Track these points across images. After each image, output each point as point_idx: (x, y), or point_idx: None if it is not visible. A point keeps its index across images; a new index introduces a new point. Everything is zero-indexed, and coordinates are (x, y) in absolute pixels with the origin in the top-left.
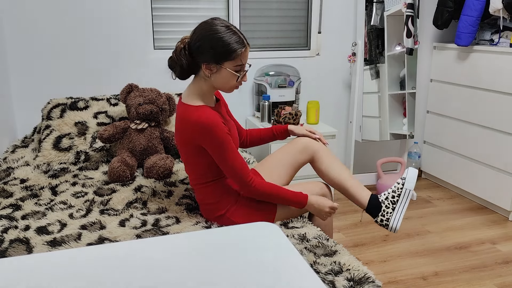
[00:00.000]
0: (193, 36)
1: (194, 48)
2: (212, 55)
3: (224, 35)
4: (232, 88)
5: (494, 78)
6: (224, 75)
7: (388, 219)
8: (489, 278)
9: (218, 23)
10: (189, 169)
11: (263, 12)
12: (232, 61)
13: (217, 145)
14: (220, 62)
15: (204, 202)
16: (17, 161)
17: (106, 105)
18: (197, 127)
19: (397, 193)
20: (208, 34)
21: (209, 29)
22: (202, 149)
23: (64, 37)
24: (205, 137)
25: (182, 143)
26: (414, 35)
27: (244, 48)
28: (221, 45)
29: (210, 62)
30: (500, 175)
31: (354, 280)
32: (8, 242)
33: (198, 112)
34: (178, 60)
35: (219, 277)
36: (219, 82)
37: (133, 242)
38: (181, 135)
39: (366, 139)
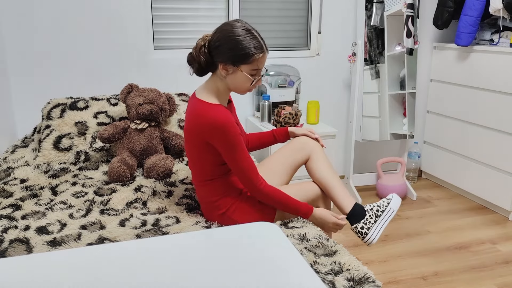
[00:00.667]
0: (214, 35)
1: (213, 47)
2: (229, 56)
3: (244, 39)
4: (246, 90)
5: (494, 78)
6: (239, 77)
7: (369, 228)
8: (489, 278)
9: (240, 25)
10: (193, 165)
11: (263, 12)
12: (248, 65)
13: (230, 145)
14: (237, 64)
15: (206, 200)
16: (17, 161)
17: (106, 105)
18: (211, 125)
19: (382, 209)
20: (228, 35)
21: (230, 30)
22: (210, 146)
23: (64, 37)
24: (218, 136)
25: (191, 137)
26: (414, 35)
27: (262, 53)
28: (240, 48)
29: (227, 63)
30: (500, 175)
31: (354, 280)
32: (8, 242)
33: (214, 111)
34: (197, 57)
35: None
36: (234, 84)
37: (133, 242)
38: (191, 129)
39: (366, 139)
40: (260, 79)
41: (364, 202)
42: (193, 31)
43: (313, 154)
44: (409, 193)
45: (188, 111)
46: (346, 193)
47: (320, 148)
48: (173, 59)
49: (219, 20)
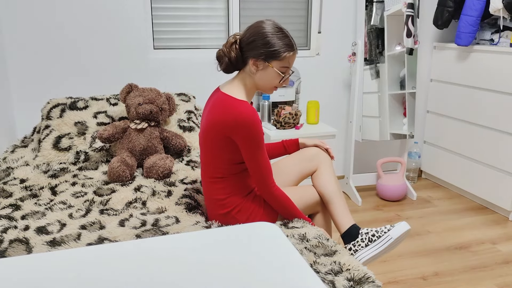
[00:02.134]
0: (246, 32)
1: (245, 43)
2: (262, 52)
3: (277, 36)
4: (272, 89)
5: (494, 78)
6: (269, 74)
7: (356, 251)
8: (489, 278)
9: (272, 24)
10: (206, 160)
11: (263, 12)
12: (279, 61)
13: (253, 142)
14: (268, 60)
15: (212, 197)
16: (17, 161)
17: (106, 105)
18: (238, 121)
19: (378, 234)
20: (262, 32)
21: (263, 27)
22: (229, 143)
23: (64, 37)
24: (242, 132)
25: (211, 131)
26: (414, 35)
27: (293, 51)
28: (272, 44)
29: (258, 59)
30: (500, 175)
31: (354, 280)
32: (7, 242)
33: (242, 107)
34: (227, 53)
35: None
36: (263, 80)
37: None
38: (214, 122)
39: (366, 139)
40: (288, 78)
41: (363, 202)
42: (193, 31)
43: (321, 166)
44: (409, 193)
45: (212, 105)
46: (346, 212)
47: (330, 162)
48: (173, 59)
49: (219, 20)
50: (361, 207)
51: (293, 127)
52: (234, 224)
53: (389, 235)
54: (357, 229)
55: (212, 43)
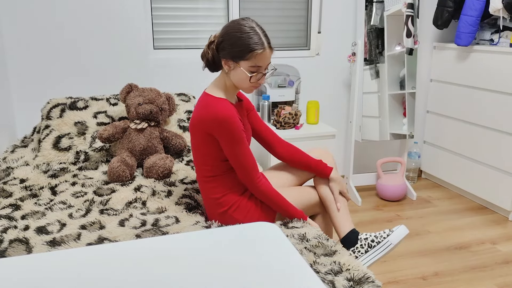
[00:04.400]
0: (220, 32)
1: (217, 43)
2: (230, 52)
3: (244, 35)
4: (248, 87)
5: (494, 78)
6: (239, 74)
7: (356, 257)
8: (489, 278)
9: (244, 23)
10: (197, 160)
11: (263, 12)
12: (247, 61)
13: (231, 139)
14: (236, 60)
15: (209, 196)
16: (17, 161)
17: (106, 105)
18: (213, 118)
19: (378, 240)
20: (230, 32)
21: (233, 27)
22: (213, 139)
23: (64, 37)
24: (220, 129)
25: (195, 130)
26: (414, 35)
27: (261, 50)
28: (239, 44)
29: (228, 59)
30: (500, 175)
31: (354, 280)
32: (7, 242)
33: (218, 104)
34: (206, 53)
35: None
36: (236, 79)
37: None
38: (195, 121)
39: (366, 139)
40: (262, 77)
41: (363, 202)
42: (193, 31)
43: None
44: (409, 193)
45: (196, 105)
46: (346, 217)
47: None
48: (173, 59)
49: (219, 20)
50: (361, 207)
51: (293, 127)
52: (232, 223)
53: (389, 241)
54: (356, 234)
55: None
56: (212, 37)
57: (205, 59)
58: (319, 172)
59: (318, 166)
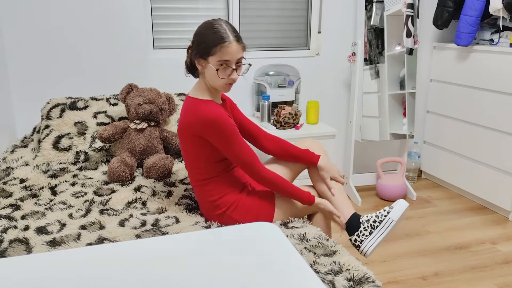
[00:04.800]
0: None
1: (191, 45)
2: (197, 51)
3: (207, 31)
4: (222, 85)
5: (494, 78)
6: (209, 71)
7: (362, 241)
8: (489, 278)
9: (212, 21)
10: (189, 165)
11: (263, 12)
12: (214, 56)
13: (225, 137)
14: (204, 57)
15: (205, 200)
16: (17, 161)
17: (106, 105)
18: (203, 120)
19: (379, 219)
20: (198, 31)
21: (201, 26)
22: (204, 142)
23: (64, 37)
24: (211, 131)
25: (184, 135)
26: (414, 35)
27: (226, 43)
28: (203, 40)
29: (198, 58)
30: (500, 175)
31: (354, 280)
32: (7, 242)
33: (206, 106)
34: (186, 58)
35: (219, 277)
36: (209, 78)
37: (133, 242)
38: (183, 126)
39: (366, 139)
40: (233, 72)
41: (363, 202)
42: (193, 31)
43: None
44: (409, 193)
45: (181, 110)
46: (345, 202)
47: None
48: (173, 59)
49: None
50: (361, 207)
51: (293, 127)
52: (231, 223)
53: (390, 218)
54: (358, 218)
55: None
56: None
57: (185, 64)
58: (307, 161)
59: (305, 156)
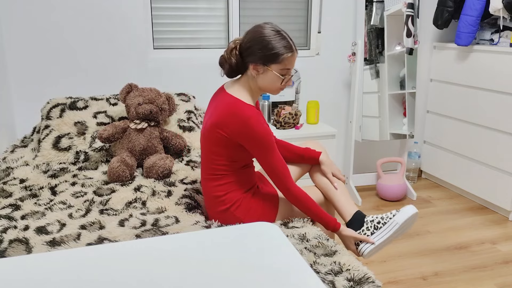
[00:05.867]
0: (245, 37)
1: (244, 48)
2: (260, 56)
3: (273, 39)
4: (277, 90)
5: (494, 78)
6: (269, 77)
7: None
8: (489, 278)
9: (269, 27)
10: (206, 158)
11: (263, 12)
12: (278, 64)
13: (264, 148)
14: (267, 64)
15: (211, 194)
16: (17, 161)
17: (106, 105)
18: (244, 126)
19: (384, 221)
20: (258, 37)
21: (260, 31)
22: (234, 144)
23: (64, 37)
24: (250, 137)
25: (213, 132)
26: (414, 35)
27: (291, 53)
28: (270, 48)
29: (257, 63)
30: (500, 175)
31: (354, 280)
32: (7, 242)
33: (250, 114)
34: (228, 59)
35: (219, 277)
36: (264, 83)
37: (133, 242)
38: (217, 124)
39: (366, 139)
40: (290, 79)
41: (363, 202)
42: (193, 31)
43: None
44: (409, 193)
45: (218, 105)
46: (347, 200)
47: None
48: (173, 59)
49: (219, 20)
50: (361, 207)
51: (293, 127)
52: (233, 221)
53: (395, 221)
54: (362, 216)
55: (212, 43)
56: (233, 44)
57: (227, 65)
58: (310, 158)
59: (308, 153)
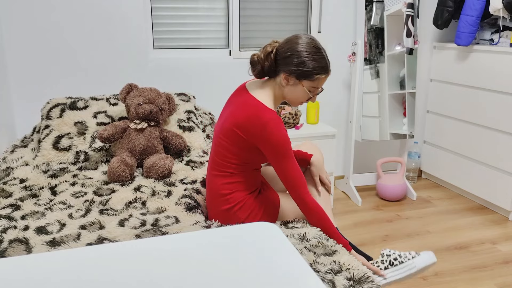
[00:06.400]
0: (285, 45)
1: (281, 56)
2: (295, 70)
3: (313, 57)
4: (299, 103)
5: (494, 78)
6: (298, 91)
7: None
8: (489, 278)
9: (311, 42)
10: (219, 153)
11: (263, 12)
12: (310, 82)
13: (282, 156)
14: (300, 79)
15: (216, 192)
16: (17, 161)
17: (106, 105)
18: (265, 131)
19: (401, 260)
20: (300, 50)
21: (301, 45)
22: (251, 146)
23: (64, 37)
24: (269, 143)
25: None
26: (414, 35)
27: (326, 74)
28: (307, 64)
29: (290, 75)
30: (500, 175)
31: (354, 279)
32: (7, 242)
33: (273, 120)
34: (262, 61)
35: (219, 277)
36: (291, 95)
37: (133, 242)
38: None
39: (366, 139)
40: (316, 96)
41: (363, 202)
42: (193, 31)
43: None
44: (409, 193)
45: (240, 105)
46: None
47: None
48: (173, 59)
49: (219, 20)
50: (361, 207)
51: (293, 127)
52: (234, 221)
53: (413, 263)
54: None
55: (212, 43)
56: (270, 47)
57: (259, 66)
58: (300, 160)
59: (297, 155)
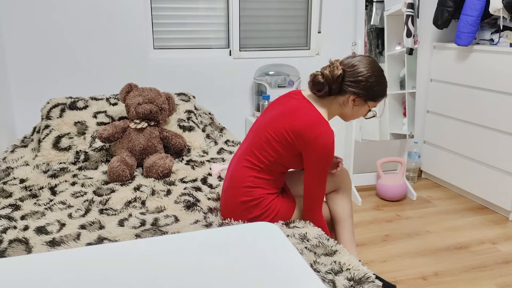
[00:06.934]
0: (352, 68)
1: (350, 79)
2: (365, 93)
3: (381, 81)
4: (354, 119)
5: (494, 78)
6: (362, 110)
7: None
8: (489, 278)
9: (377, 66)
10: (259, 145)
11: (263, 12)
12: (374, 103)
13: (322, 167)
14: (366, 101)
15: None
16: (17, 161)
17: (106, 105)
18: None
19: None
20: (369, 75)
21: (371, 69)
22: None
23: (64, 37)
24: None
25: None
26: (414, 35)
27: (385, 97)
28: (376, 89)
29: (359, 97)
30: (500, 175)
31: (354, 279)
32: (7, 242)
33: (328, 134)
34: (330, 83)
35: (219, 277)
36: (353, 113)
37: (133, 242)
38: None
39: (366, 139)
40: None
41: (363, 202)
42: (193, 31)
43: (342, 188)
44: (409, 193)
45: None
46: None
47: (349, 184)
48: (173, 59)
49: (219, 20)
50: (361, 207)
51: None
52: (246, 215)
53: None
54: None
55: (212, 43)
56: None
57: (326, 87)
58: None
59: None
